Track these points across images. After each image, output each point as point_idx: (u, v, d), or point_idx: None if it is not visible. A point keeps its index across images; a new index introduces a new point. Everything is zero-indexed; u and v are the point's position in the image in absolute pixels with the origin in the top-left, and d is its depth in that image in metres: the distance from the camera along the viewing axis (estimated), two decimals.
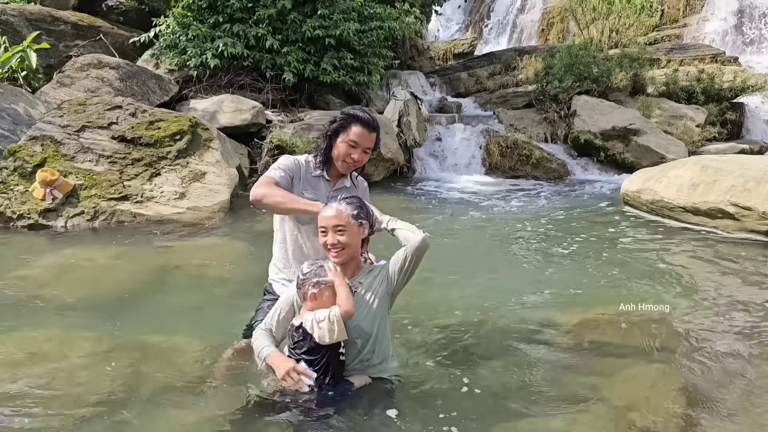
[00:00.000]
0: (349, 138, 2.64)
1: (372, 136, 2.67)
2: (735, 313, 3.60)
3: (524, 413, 2.47)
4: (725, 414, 2.49)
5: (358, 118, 2.65)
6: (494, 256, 4.97)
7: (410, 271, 2.48)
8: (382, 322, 2.48)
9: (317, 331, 2.34)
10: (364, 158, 2.69)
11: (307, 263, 2.48)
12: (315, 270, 2.41)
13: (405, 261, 2.45)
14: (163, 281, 4.35)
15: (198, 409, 2.54)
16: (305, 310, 2.43)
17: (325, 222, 2.41)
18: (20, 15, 9.10)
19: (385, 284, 2.48)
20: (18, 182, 6.03)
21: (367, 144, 2.66)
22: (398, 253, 2.48)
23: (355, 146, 2.64)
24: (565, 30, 15.94)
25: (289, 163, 2.74)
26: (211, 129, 6.89)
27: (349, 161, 2.67)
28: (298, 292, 2.45)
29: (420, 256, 2.45)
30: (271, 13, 8.84)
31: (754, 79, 10.67)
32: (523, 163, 9.34)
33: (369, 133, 2.65)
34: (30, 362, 2.97)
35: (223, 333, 3.27)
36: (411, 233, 2.44)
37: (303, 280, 2.42)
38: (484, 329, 3.36)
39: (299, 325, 2.40)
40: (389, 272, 2.48)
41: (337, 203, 2.43)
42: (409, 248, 2.43)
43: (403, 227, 2.48)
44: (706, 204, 5.59)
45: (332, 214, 2.40)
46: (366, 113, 2.70)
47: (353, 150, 2.64)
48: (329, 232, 2.41)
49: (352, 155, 2.65)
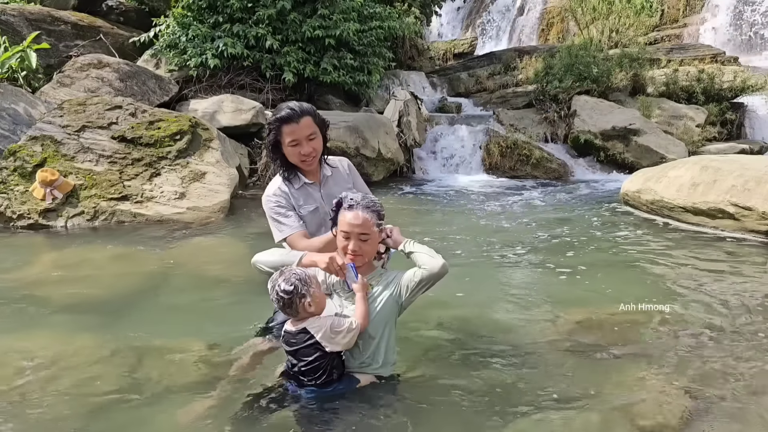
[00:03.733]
0: (287, 141, 2.59)
1: (304, 122, 2.59)
2: (735, 312, 3.60)
3: (524, 413, 2.47)
4: (725, 414, 2.49)
5: (282, 119, 2.59)
6: (494, 256, 4.97)
7: (423, 292, 2.47)
8: (387, 327, 2.46)
9: (330, 343, 2.34)
10: (315, 145, 2.63)
11: (282, 278, 2.34)
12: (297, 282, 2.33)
13: (420, 283, 2.42)
14: (163, 281, 4.34)
15: (198, 408, 2.54)
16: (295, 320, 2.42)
17: (350, 228, 2.37)
18: (20, 15, 9.11)
19: (396, 294, 2.46)
20: (18, 182, 6.03)
21: (306, 132, 2.59)
22: (415, 272, 2.43)
23: (296, 143, 2.59)
24: (565, 30, 15.95)
25: (280, 201, 2.69)
26: (211, 129, 6.89)
27: (305, 158, 2.62)
28: (287, 311, 2.39)
29: (436, 280, 2.42)
30: (271, 13, 8.84)
31: (754, 79, 10.66)
32: (523, 163, 9.35)
33: (298, 124, 2.58)
34: (30, 362, 2.97)
35: (223, 333, 3.27)
36: (430, 258, 2.40)
37: (290, 297, 2.32)
38: (483, 329, 3.36)
39: (300, 330, 2.39)
40: (401, 285, 2.45)
41: (362, 210, 2.37)
42: (426, 272, 2.39)
43: (421, 251, 2.43)
44: (706, 204, 5.59)
45: (359, 222, 2.36)
46: (288, 108, 2.61)
47: (299, 147, 2.60)
48: (353, 239, 2.38)
49: (302, 152, 2.61)
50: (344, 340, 2.34)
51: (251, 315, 3.33)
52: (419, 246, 2.46)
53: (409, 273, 2.46)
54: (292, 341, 2.40)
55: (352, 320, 2.36)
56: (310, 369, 2.38)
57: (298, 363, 2.40)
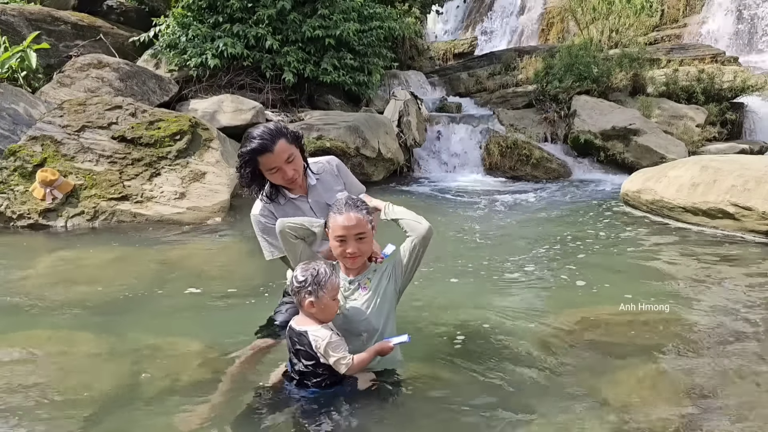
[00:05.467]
0: (267, 169, 2.51)
1: (279, 148, 2.47)
2: (735, 313, 3.60)
3: (524, 413, 2.47)
4: (725, 414, 2.49)
5: (255, 151, 2.48)
6: (494, 256, 4.97)
7: (417, 263, 2.48)
8: (388, 318, 2.49)
9: (323, 357, 2.34)
10: (295, 165, 2.53)
11: (300, 268, 2.37)
12: (310, 277, 2.33)
13: (412, 252, 2.44)
14: (163, 281, 4.34)
15: (198, 408, 2.54)
16: (303, 315, 2.42)
17: (346, 231, 2.35)
18: (20, 15, 9.10)
19: (393, 280, 2.48)
20: (18, 182, 6.03)
21: (283, 157, 2.49)
22: (404, 247, 2.46)
23: (276, 170, 2.50)
24: (565, 30, 15.95)
25: (268, 222, 2.63)
26: (211, 129, 6.89)
27: (288, 181, 2.55)
28: (294, 298, 2.40)
29: (426, 245, 2.44)
30: (271, 13, 8.84)
31: (754, 79, 10.66)
32: (523, 163, 9.34)
33: (273, 153, 2.47)
34: (30, 362, 2.97)
35: (223, 333, 3.28)
36: (416, 222, 2.42)
37: (299, 287, 2.34)
38: (483, 329, 3.36)
39: (302, 332, 2.39)
40: (396, 268, 2.48)
41: (354, 211, 2.36)
42: (416, 238, 2.42)
43: (405, 216, 2.45)
44: (706, 204, 5.59)
45: (353, 223, 2.35)
46: (258, 137, 2.48)
47: (280, 173, 2.52)
48: (350, 240, 2.36)
49: (285, 176, 2.52)
50: (332, 363, 2.33)
51: (251, 315, 3.32)
52: (401, 211, 2.46)
53: (399, 253, 2.48)
54: (295, 340, 2.41)
55: (351, 357, 2.33)
56: (309, 372, 2.39)
57: (299, 363, 2.40)
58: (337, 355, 2.32)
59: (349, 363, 2.32)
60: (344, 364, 2.32)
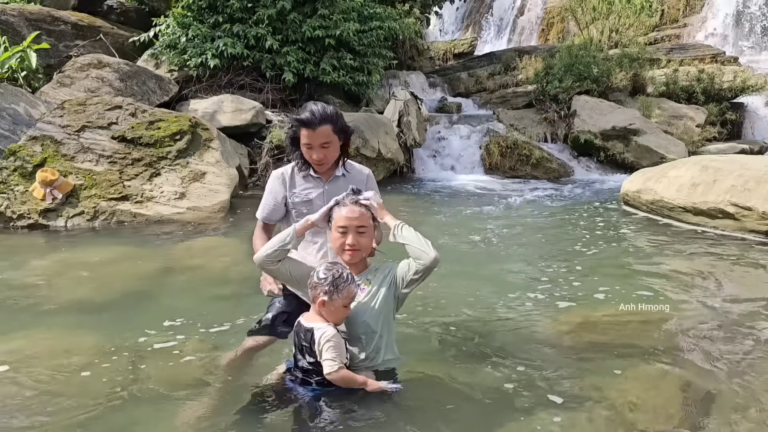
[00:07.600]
0: (303, 142, 2.61)
1: (321, 130, 2.57)
2: (735, 313, 3.60)
3: (524, 413, 2.47)
4: (725, 414, 2.49)
5: (302, 121, 2.59)
6: (494, 256, 4.97)
7: (418, 284, 2.47)
8: (387, 320, 2.48)
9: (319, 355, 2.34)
10: (326, 153, 2.62)
11: (325, 266, 2.39)
12: (331, 278, 2.33)
13: (414, 276, 2.43)
14: (163, 281, 4.35)
15: (198, 408, 2.54)
16: (314, 311, 2.41)
17: (347, 222, 2.38)
18: (20, 15, 9.11)
19: (393, 287, 2.47)
20: (18, 182, 6.04)
21: (321, 140, 2.59)
22: (409, 265, 2.44)
23: (310, 147, 2.61)
24: (565, 30, 15.95)
25: (272, 185, 2.74)
26: (211, 129, 6.89)
27: (314, 161, 2.64)
28: (309, 291, 2.41)
29: (429, 273, 2.43)
30: (271, 14, 8.84)
31: (754, 79, 10.67)
32: (523, 163, 9.35)
33: (314, 131, 2.57)
34: (30, 362, 2.97)
35: (223, 333, 3.28)
36: (422, 251, 2.39)
37: (317, 283, 2.35)
38: (483, 329, 3.36)
39: (309, 329, 2.38)
40: (397, 278, 2.47)
41: (356, 205, 2.40)
42: (421, 267, 2.40)
43: (413, 243, 2.42)
44: (706, 204, 5.59)
45: (356, 216, 2.38)
46: (310, 111, 2.60)
47: (311, 151, 2.61)
48: (350, 233, 2.38)
49: (312, 156, 2.62)
50: (323, 360, 2.32)
51: (251, 315, 3.33)
52: (409, 235, 2.44)
53: (403, 266, 2.47)
54: (302, 336, 2.41)
55: (342, 365, 2.32)
56: (312, 370, 2.38)
57: (303, 360, 2.40)
58: (330, 355, 2.32)
59: (335, 368, 2.30)
60: (330, 365, 2.30)
